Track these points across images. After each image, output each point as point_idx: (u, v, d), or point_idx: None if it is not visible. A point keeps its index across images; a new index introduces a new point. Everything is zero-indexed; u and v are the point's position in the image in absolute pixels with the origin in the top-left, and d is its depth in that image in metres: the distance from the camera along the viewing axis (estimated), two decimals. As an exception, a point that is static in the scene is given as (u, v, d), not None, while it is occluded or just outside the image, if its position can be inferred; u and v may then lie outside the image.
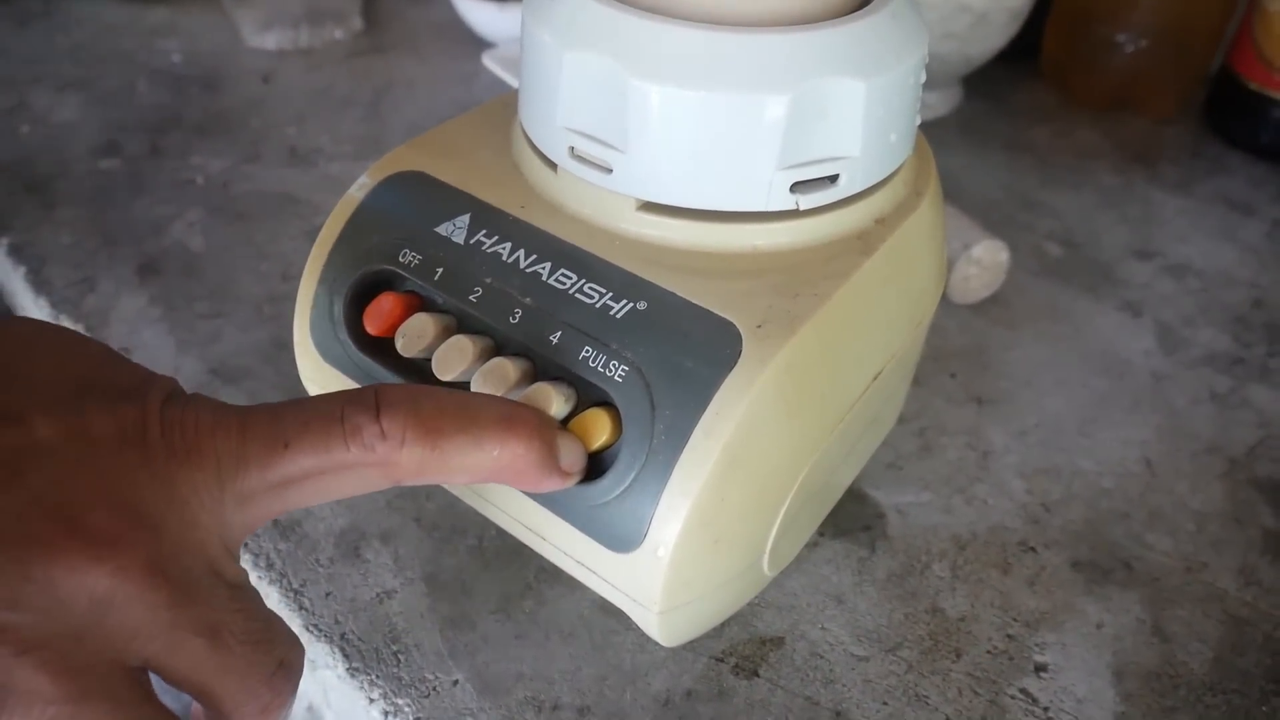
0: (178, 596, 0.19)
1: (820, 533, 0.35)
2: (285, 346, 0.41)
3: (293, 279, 0.45)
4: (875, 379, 0.29)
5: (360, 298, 0.30)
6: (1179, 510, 0.37)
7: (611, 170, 0.27)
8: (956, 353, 0.43)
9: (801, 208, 0.27)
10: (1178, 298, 0.47)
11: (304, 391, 0.34)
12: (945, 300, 0.45)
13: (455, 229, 0.29)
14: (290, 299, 0.44)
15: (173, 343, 0.41)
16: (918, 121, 0.30)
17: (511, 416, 0.23)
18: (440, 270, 0.28)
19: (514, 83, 0.60)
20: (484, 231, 0.28)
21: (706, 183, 0.26)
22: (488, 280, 0.27)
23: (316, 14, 0.65)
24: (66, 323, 0.43)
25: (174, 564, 0.20)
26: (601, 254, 0.27)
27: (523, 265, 0.27)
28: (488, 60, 0.62)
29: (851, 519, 0.35)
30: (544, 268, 0.27)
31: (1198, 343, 0.44)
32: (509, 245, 0.28)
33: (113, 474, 0.19)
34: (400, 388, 0.23)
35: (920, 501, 0.36)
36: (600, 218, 0.28)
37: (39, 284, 0.45)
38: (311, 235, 0.48)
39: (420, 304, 0.29)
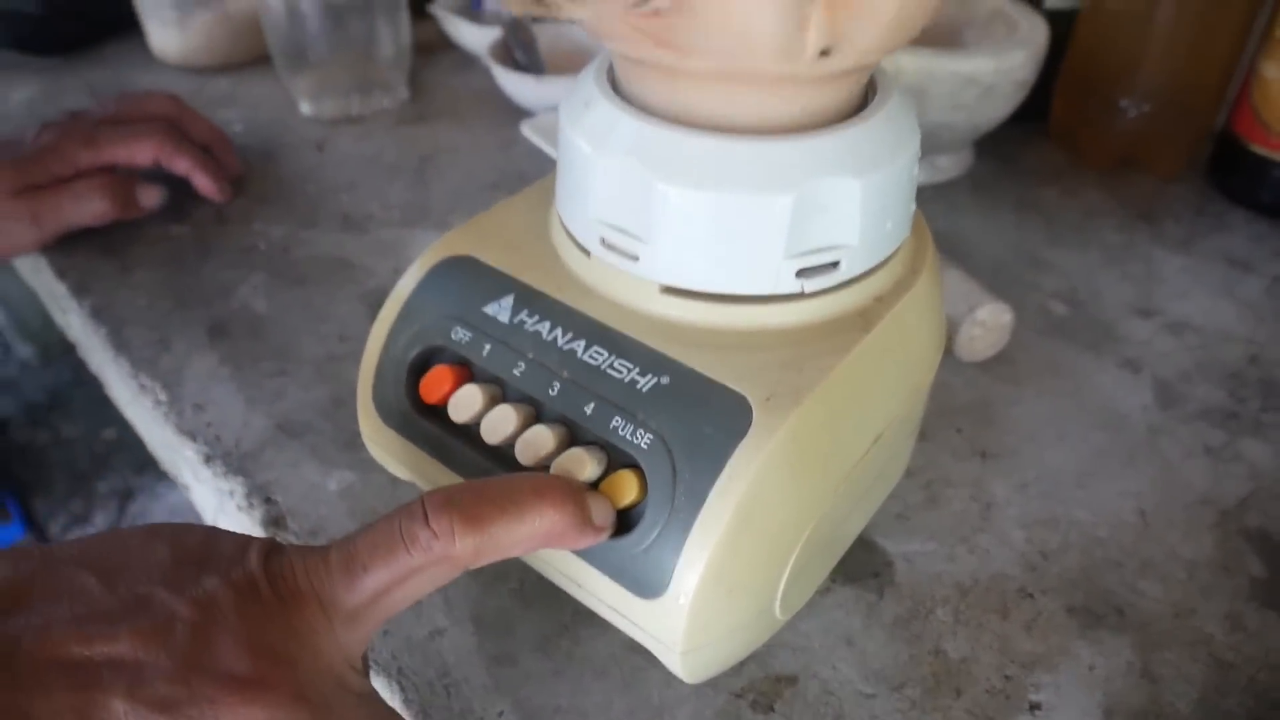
0: (320, 714, 0.24)
1: (832, 579, 0.38)
2: (343, 403, 0.45)
3: (349, 339, 0.49)
4: (875, 442, 0.32)
5: (417, 369, 0.33)
6: (1170, 559, 0.39)
7: (638, 258, 0.30)
8: (963, 409, 0.46)
9: (806, 291, 0.30)
10: (1176, 354, 0.50)
11: (362, 446, 0.38)
12: (953, 358, 0.48)
13: (500, 309, 0.32)
14: (346, 359, 0.48)
15: (241, 400, 0.45)
16: (913, 208, 0.33)
17: (543, 488, 0.27)
18: (488, 347, 0.32)
19: (551, 151, 0.64)
20: (525, 311, 0.32)
21: (721, 270, 0.30)
22: (530, 356, 0.31)
23: (365, 84, 0.70)
24: (145, 380, 0.47)
25: (312, 689, 0.24)
26: (630, 332, 0.31)
27: (560, 343, 0.31)
28: (526, 129, 0.66)
29: (861, 566, 0.38)
30: (579, 345, 0.31)
31: (1194, 398, 0.47)
32: (548, 324, 0.31)
33: (244, 629, 0.24)
34: (441, 491, 0.27)
35: (926, 550, 0.39)
36: (628, 299, 0.31)
37: (119, 345, 0.49)
38: (365, 298, 0.52)
39: (470, 375, 0.33)
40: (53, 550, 0.25)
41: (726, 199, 0.28)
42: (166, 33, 0.74)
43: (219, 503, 0.42)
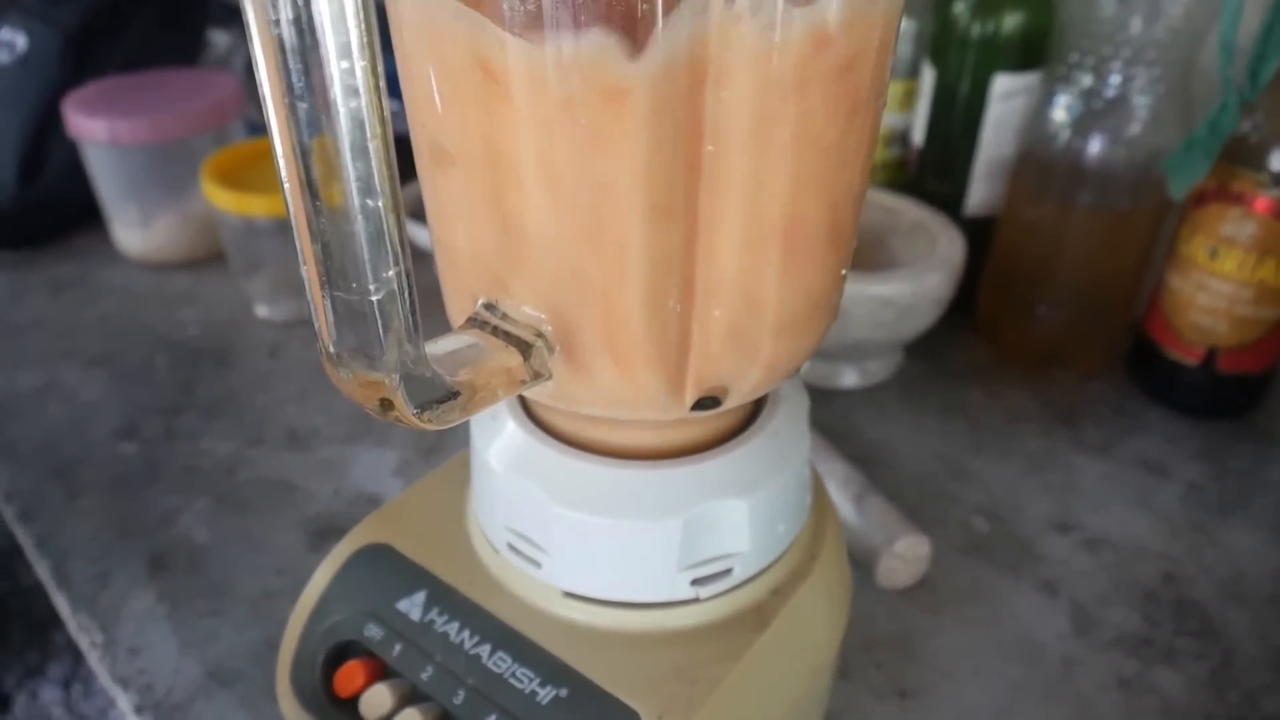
0: None
1: (748, 844, 0.38)
2: (275, 646, 0.45)
3: (285, 573, 0.50)
4: (776, 731, 0.33)
5: (333, 660, 0.34)
6: (1081, 810, 0.40)
7: (540, 565, 0.32)
8: (884, 641, 0.47)
9: (701, 597, 0.32)
10: (1092, 574, 0.51)
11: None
12: (874, 586, 0.49)
13: (412, 605, 0.34)
14: (281, 596, 0.49)
15: (175, 644, 0.46)
16: (807, 501, 0.35)
17: None
18: (399, 646, 0.33)
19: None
20: (436, 610, 0.33)
21: (617, 581, 0.31)
22: (438, 659, 0.32)
23: (321, 283, 0.72)
24: (83, 620, 0.48)
25: None
26: (533, 636, 0.32)
27: (467, 646, 0.32)
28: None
29: (777, 828, 0.39)
30: (485, 649, 0.32)
31: (1109, 623, 0.49)
32: (456, 625, 0.33)
33: None
34: None
35: (842, 807, 0.40)
36: (534, 599, 0.33)
37: (61, 578, 0.50)
38: (304, 525, 0.53)
39: (383, 670, 0.34)
40: None
41: (619, 524, 0.30)
42: (130, 233, 0.77)
43: (147, 755, 0.43)
